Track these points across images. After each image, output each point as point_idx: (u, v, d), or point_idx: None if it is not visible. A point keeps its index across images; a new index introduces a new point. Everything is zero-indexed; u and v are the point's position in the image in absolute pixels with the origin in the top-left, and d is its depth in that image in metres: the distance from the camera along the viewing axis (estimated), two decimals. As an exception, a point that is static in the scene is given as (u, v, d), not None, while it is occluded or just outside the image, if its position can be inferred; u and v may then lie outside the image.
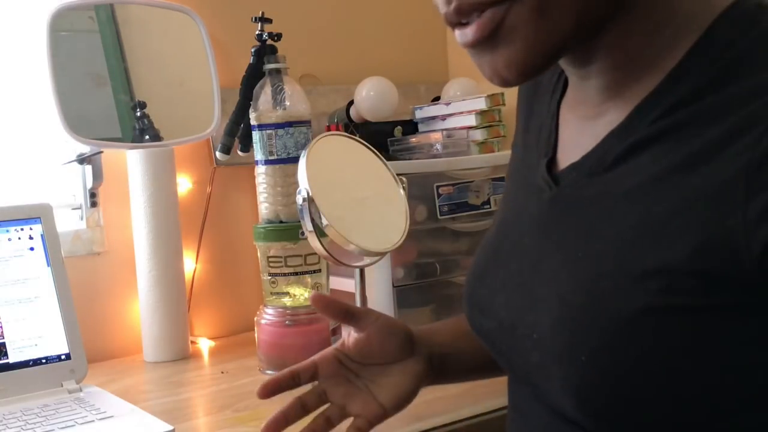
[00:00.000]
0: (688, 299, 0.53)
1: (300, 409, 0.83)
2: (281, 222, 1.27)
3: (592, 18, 0.59)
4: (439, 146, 1.43)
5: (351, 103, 1.53)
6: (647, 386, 0.55)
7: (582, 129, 0.66)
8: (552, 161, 0.69)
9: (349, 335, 0.86)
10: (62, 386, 1.13)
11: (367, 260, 1.15)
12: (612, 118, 0.63)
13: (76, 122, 1.29)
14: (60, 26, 1.29)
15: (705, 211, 0.53)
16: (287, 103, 1.28)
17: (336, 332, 1.28)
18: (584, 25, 0.59)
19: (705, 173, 0.53)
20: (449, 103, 1.51)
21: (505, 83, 0.61)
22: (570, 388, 0.60)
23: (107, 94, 1.39)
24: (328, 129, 1.54)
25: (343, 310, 0.84)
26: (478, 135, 1.45)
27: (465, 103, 1.48)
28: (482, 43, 0.60)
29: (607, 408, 0.58)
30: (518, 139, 0.78)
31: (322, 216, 1.08)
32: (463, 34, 0.61)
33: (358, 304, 1.19)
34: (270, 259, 1.27)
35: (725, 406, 0.54)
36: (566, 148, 0.68)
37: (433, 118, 1.53)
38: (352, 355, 0.85)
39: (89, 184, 1.39)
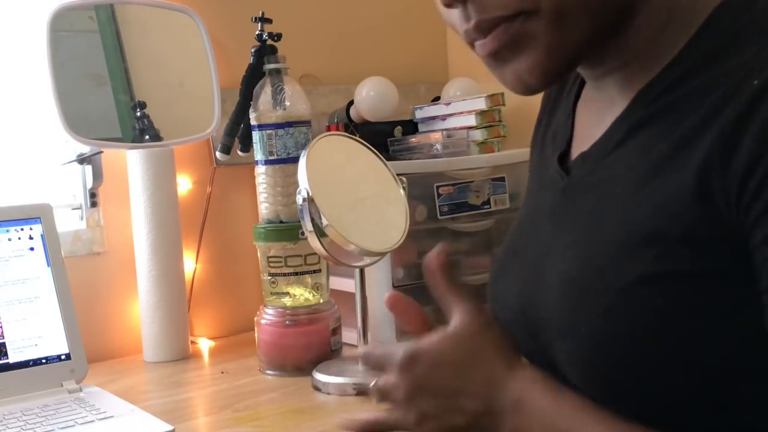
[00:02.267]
0: (680, 266, 0.56)
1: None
2: (281, 222, 1.27)
3: (606, 22, 0.61)
4: (439, 146, 1.43)
5: (351, 103, 1.53)
6: (645, 354, 0.57)
7: (595, 122, 0.69)
8: (566, 154, 0.72)
9: None
10: (62, 386, 1.13)
11: (367, 260, 1.15)
12: (619, 107, 0.65)
13: (76, 122, 1.29)
14: (60, 26, 1.29)
15: (692, 182, 0.55)
16: (287, 103, 1.28)
17: (336, 332, 1.28)
18: (599, 30, 0.62)
19: (694, 147, 0.56)
20: (449, 103, 1.51)
21: (529, 90, 0.63)
22: (574, 361, 0.62)
23: (107, 94, 1.39)
24: (328, 129, 1.54)
25: (421, 319, 0.76)
26: (478, 135, 1.45)
27: (465, 103, 1.48)
28: (503, 51, 0.62)
29: (609, 378, 0.60)
30: (538, 138, 0.81)
31: (322, 216, 1.08)
32: (484, 45, 0.62)
33: (358, 304, 1.19)
34: (270, 259, 1.27)
35: (722, 373, 0.55)
36: (579, 141, 0.71)
37: (433, 118, 1.53)
38: None
39: (89, 184, 1.39)
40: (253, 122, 1.30)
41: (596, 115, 0.69)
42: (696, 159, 0.55)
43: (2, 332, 1.12)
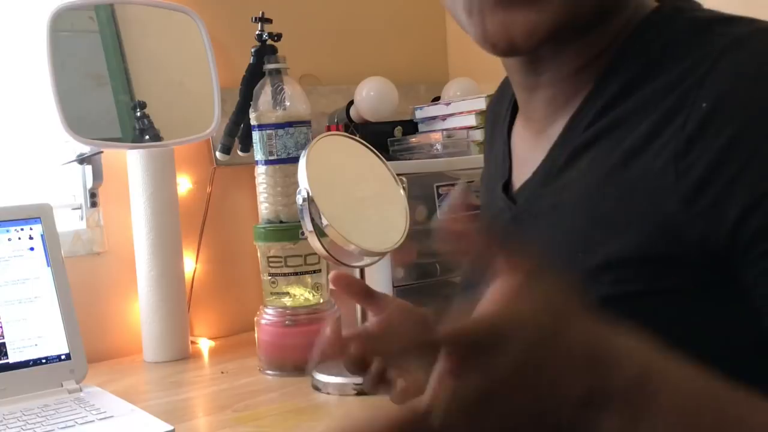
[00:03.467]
0: (641, 286, 0.55)
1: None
2: (281, 222, 1.27)
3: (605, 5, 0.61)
4: (439, 146, 1.43)
5: (351, 103, 1.53)
6: None
7: (532, 146, 0.68)
8: (509, 182, 0.70)
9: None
10: (62, 386, 1.13)
11: (367, 260, 1.15)
12: (556, 129, 0.64)
13: (76, 122, 1.29)
14: (60, 26, 1.29)
15: (644, 202, 0.55)
16: (287, 103, 1.28)
17: (336, 332, 1.27)
18: (600, 10, 0.61)
19: (639, 167, 0.55)
20: (449, 103, 1.51)
21: (509, 49, 0.59)
22: None
23: (107, 94, 1.39)
24: (328, 129, 1.54)
25: (363, 290, 0.76)
26: (478, 135, 1.45)
27: (465, 103, 1.48)
28: (519, 1, 0.57)
29: None
30: (487, 155, 0.81)
31: (322, 216, 1.08)
32: None
33: (358, 304, 1.19)
34: (270, 259, 1.27)
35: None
36: (520, 167, 0.70)
37: (433, 118, 1.53)
38: None
39: (89, 184, 1.39)
40: (253, 122, 1.30)
41: (533, 138, 0.68)
42: (647, 181, 0.55)
43: (2, 332, 1.12)
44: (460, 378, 0.43)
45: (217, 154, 1.45)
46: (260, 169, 1.29)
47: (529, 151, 0.68)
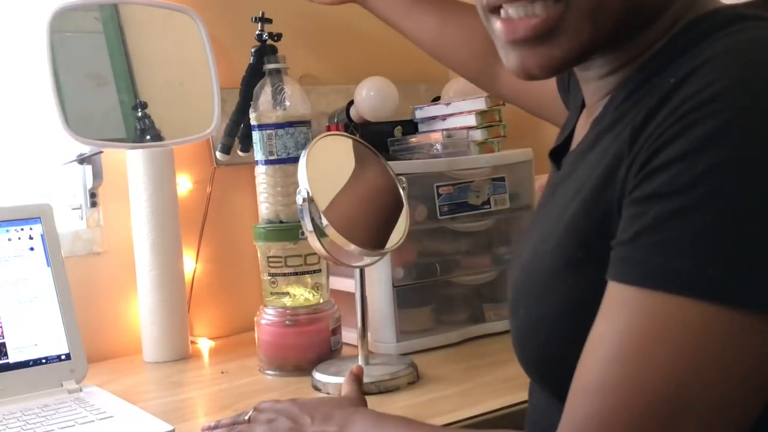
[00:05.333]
0: (597, 254, 0.57)
1: None
2: (281, 222, 1.27)
3: (625, 27, 0.62)
4: (439, 146, 1.43)
5: (351, 103, 1.53)
6: (567, 337, 0.60)
7: (584, 124, 0.72)
8: (564, 149, 0.75)
9: None
10: (62, 386, 1.13)
11: (367, 260, 1.15)
12: (597, 109, 0.68)
13: (76, 122, 1.29)
14: (62, 26, 1.29)
15: (607, 180, 0.58)
16: (287, 103, 1.28)
17: (336, 332, 1.28)
18: (617, 36, 0.63)
19: (611, 151, 0.59)
20: (449, 103, 1.51)
21: (529, 78, 0.64)
22: (514, 340, 0.67)
23: (108, 95, 1.39)
24: (328, 129, 1.54)
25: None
26: (478, 135, 1.45)
27: (465, 103, 1.48)
28: (529, 41, 0.62)
29: (536, 358, 0.64)
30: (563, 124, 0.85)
31: (322, 216, 1.08)
32: (512, 30, 0.63)
33: (358, 304, 1.19)
34: (270, 259, 1.27)
35: None
36: (576, 138, 0.74)
37: (433, 118, 1.53)
38: None
39: (89, 184, 1.39)
40: (253, 122, 1.29)
41: (587, 114, 0.72)
42: (611, 156, 0.58)
43: (2, 332, 1.12)
44: None
45: (217, 154, 1.45)
46: (260, 169, 1.29)
47: (581, 129, 0.72)
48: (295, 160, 1.15)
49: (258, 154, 1.29)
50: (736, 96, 0.52)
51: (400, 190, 1.18)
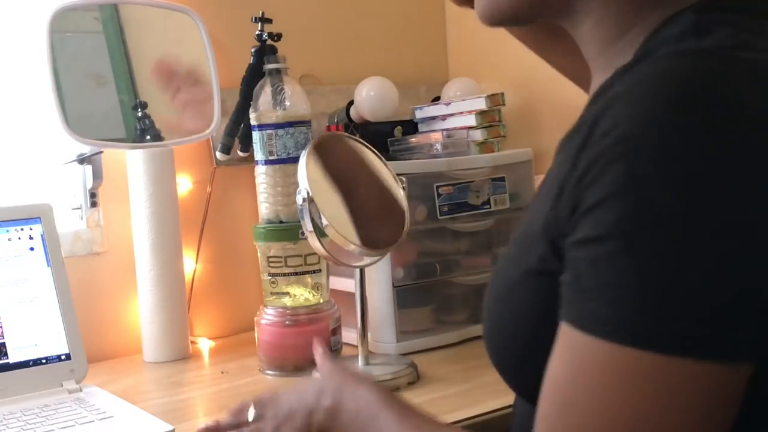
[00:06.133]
0: (552, 266, 0.58)
1: None
2: (281, 222, 1.27)
3: None
4: (439, 146, 1.43)
5: (351, 103, 1.53)
6: (525, 344, 0.61)
7: None
8: None
9: None
10: (62, 386, 1.13)
11: (367, 260, 1.16)
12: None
13: (76, 122, 1.29)
14: (62, 26, 1.29)
15: (556, 199, 0.57)
16: (287, 103, 1.28)
17: (336, 332, 1.28)
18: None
19: (565, 165, 0.57)
20: (449, 103, 1.51)
21: (488, 23, 0.70)
22: (484, 341, 0.67)
23: (108, 95, 1.39)
24: (328, 129, 1.54)
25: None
26: (478, 135, 1.45)
27: (465, 103, 1.48)
28: None
29: (501, 363, 0.65)
30: None
31: (322, 216, 1.08)
32: None
33: (358, 304, 1.19)
34: (270, 259, 1.27)
35: None
36: None
37: (433, 118, 1.53)
38: None
39: (89, 184, 1.39)
40: (253, 122, 1.29)
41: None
42: (564, 171, 0.57)
43: (2, 332, 1.12)
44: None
45: (217, 154, 1.45)
46: (260, 169, 1.29)
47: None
48: (295, 160, 1.15)
49: (258, 154, 1.29)
50: (640, 139, 0.51)
51: (400, 190, 1.18)
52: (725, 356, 0.49)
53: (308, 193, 1.07)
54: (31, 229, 1.18)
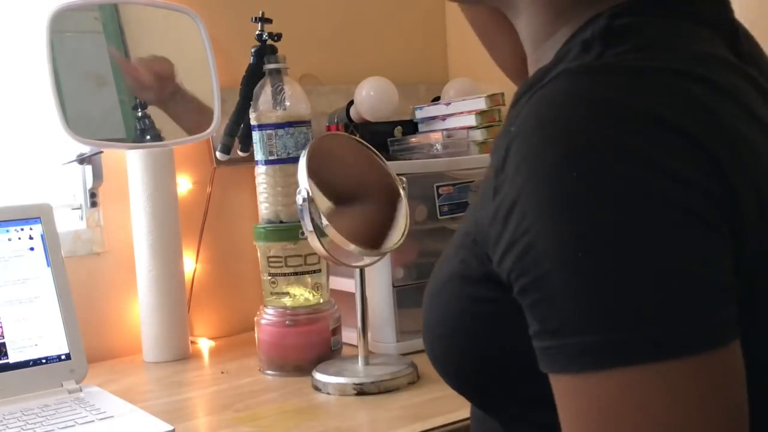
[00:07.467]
0: (471, 272, 0.59)
1: None
2: (281, 222, 1.27)
3: None
4: (439, 146, 1.43)
5: (351, 103, 1.53)
6: (447, 345, 0.64)
7: None
8: None
9: None
10: (62, 386, 1.13)
11: (367, 260, 1.16)
12: None
13: (76, 122, 1.29)
14: (62, 26, 1.29)
15: (485, 204, 0.56)
16: (287, 103, 1.28)
17: (336, 332, 1.28)
18: None
19: (488, 180, 0.57)
20: (449, 103, 1.51)
21: None
22: (423, 341, 0.68)
23: (108, 95, 1.39)
24: (328, 129, 1.54)
25: None
26: (478, 135, 1.45)
27: (465, 103, 1.48)
28: None
29: (433, 360, 0.66)
30: None
31: (322, 216, 1.08)
32: None
33: (358, 304, 1.19)
34: (270, 259, 1.27)
35: (508, 370, 0.60)
36: None
37: (433, 118, 1.53)
38: None
39: (89, 184, 1.39)
40: (253, 122, 1.30)
41: None
42: (488, 187, 0.56)
43: (2, 332, 1.12)
44: None
45: (217, 154, 1.44)
46: (260, 169, 1.29)
47: None
48: (295, 160, 1.15)
49: (258, 154, 1.29)
50: (532, 170, 0.51)
51: (400, 190, 1.18)
52: (716, 341, 0.48)
53: (308, 193, 1.07)
54: (31, 229, 1.18)
